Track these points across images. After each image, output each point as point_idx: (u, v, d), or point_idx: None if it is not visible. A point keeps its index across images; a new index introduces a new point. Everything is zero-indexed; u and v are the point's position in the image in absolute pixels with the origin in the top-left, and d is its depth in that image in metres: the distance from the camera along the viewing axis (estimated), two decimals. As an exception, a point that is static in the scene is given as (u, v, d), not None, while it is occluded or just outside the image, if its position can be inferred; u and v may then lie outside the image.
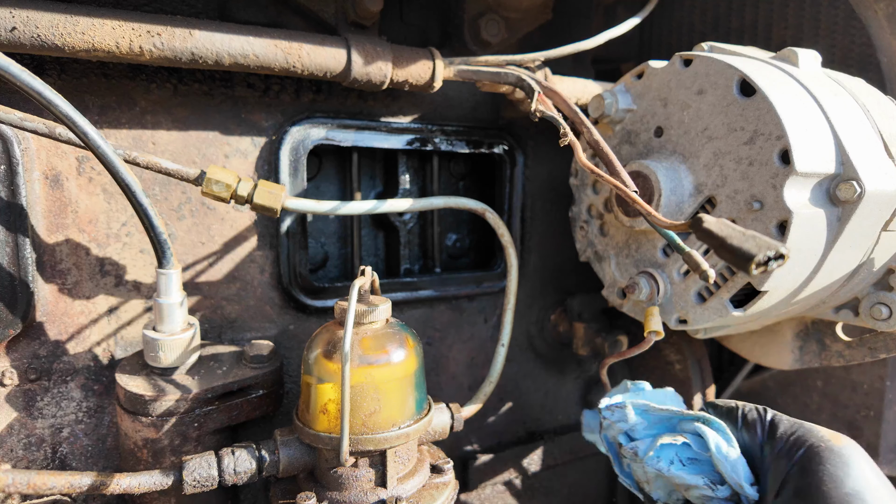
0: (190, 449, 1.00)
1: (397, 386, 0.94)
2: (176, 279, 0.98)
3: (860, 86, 1.12)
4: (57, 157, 1.04)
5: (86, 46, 0.89)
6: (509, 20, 1.30)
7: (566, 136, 1.02)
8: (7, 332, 0.98)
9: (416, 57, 1.14)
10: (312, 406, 0.93)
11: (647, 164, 1.08)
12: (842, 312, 1.16)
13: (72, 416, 1.09)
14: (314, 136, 1.23)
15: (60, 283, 1.06)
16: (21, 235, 0.98)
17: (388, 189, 1.47)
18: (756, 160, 0.96)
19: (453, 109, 1.42)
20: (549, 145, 1.56)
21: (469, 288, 1.47)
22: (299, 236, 1.24)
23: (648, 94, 1.15)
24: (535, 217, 1.56)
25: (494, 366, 1.22)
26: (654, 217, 0.87)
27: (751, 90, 0.97)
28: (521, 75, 1.15)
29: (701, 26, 1.65)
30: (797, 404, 1.78)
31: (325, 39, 1.06)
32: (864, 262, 1.05)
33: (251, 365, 1.08)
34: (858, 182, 0.93)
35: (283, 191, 1.04)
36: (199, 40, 0.95)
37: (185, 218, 1.15)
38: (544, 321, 1.61)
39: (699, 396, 1.55)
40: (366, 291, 0.97)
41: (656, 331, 1.07)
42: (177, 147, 1.13)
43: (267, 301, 1.25)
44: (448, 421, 1.08)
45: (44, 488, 0.82)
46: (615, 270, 1.26)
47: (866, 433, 1.61)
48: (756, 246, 0.67)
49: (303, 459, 0.95)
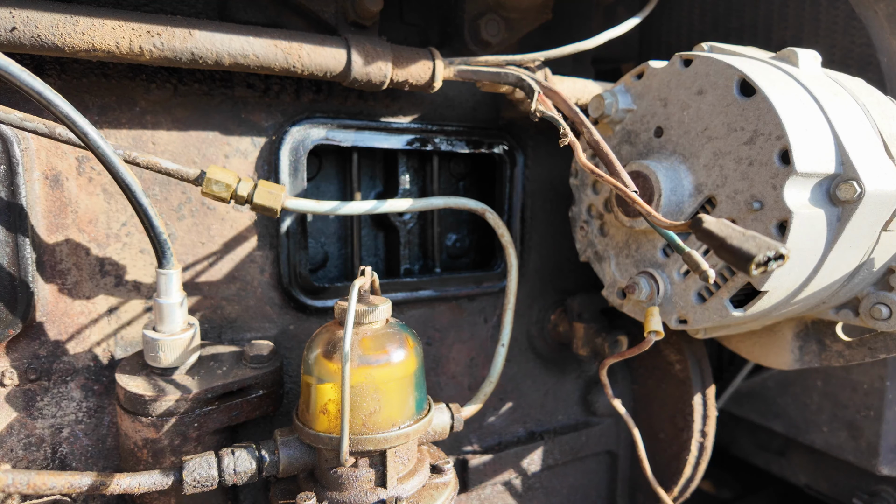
0: (190, 449, 1.00)
1: (397, 386, 0.94)
2: (176, 279, 0.98)
3: (860, 86, 1.12)
4: (57, 157, 1.04)
5: (86, 46, 0.89)
6: (509, 20, 1.30)
7: (566, 136, 1.02)
8: (7, 332, 0.98)
9: (416, 57, 1.14)
10: (312, 406, 0.93)
11: (647, 164, 1.09)
12: (842, 312, 1.16)
13: (72, 416, 1.09)
14: (314, 137, 1.23)
15: (60, 283, 1.06)
16: (21, 235, 0.98)
17: (388, 189, 1.47)
18: (756, 160, 0.96)
19: (453, 109, 1.42)
20: (549, 145, 1.56)
21: (469, 288, 1.47)
22: (299, 236, 1.24)
23: (648, 94, 1.15)
24: (535, 217, 1.56)
25: (494, 366, 1.22)
26: (654, 217, 0.87)
27: (751, 90, 0.97)
28: (521, 75, 1.15)
29: (701, 26, 1.65)
30: (797, 404, 1.78)
31: (324, 39, 1.06)
32: (864, 262, 1.05)
33: (251, 365, 1.08)
34: (858, 182, 0.93)
35: (283, 191, 1.04)
36: (199, 40, 0.95)
37: (185, 218, 1.15)
38: (544, 321, 1.61)
39: (699, 396, 1.55)
40: (366, 291, 0.97)
41: (656, 331, 1.07)
42: (177, 147, 1.13)
43: (267, 301, 1.25)
44: (448, 421, 1.08)
45: (44, 488, 0.82)
46: (615, 270, 1.26)
47: (866, 433, 1.61)
48: (756, 246, 0.67)
49: (303, 459, 0.96)
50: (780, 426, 1.84)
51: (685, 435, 1.56)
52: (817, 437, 1.74)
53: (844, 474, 1.79)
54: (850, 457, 1.66)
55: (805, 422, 1.77)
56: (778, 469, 2.00)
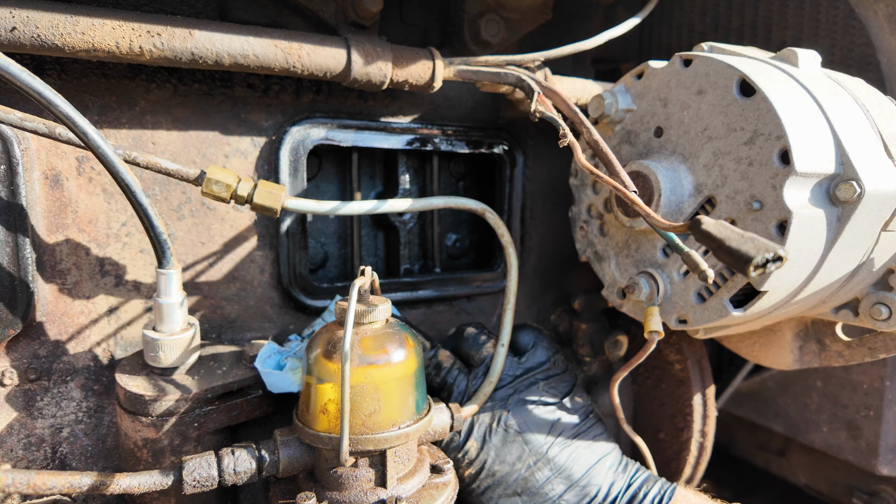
0: (190, 449, 1.00)
1: (397, 386, 0.94)
2: (176, 279, 0.98)
3: (860, 86, 1.12)
4: (57, 157, 1.04)
5: (86, 46, 0.89)
6: (509, 20, 1.30)
7: (565, 136, 1.02)
8: (7, 332, 0.99)
9: (416, 57, 1.14)
10: (312, 406, 0.93)
11: (646, 165, 1.09)
12: (841, 312, 1.16)
13: (72, 416, 1.09)
14: (314, 137, 1.23)
15: (60, 283, 1.06)
16: (21, 235, 0.98)
17: (388, 189, 1.47)
18: (756, 160, 0.96)
19: (453, 109, 1.42)
20: (549, 145, 1.56)
21: (469, 288, 1.47)
22: (299, 236, 1.24)
23: (648, 94, 1.15)
24: (535, 217, 1.57)
25: (494, 366, 1.22)
26: (654, 218, 0.87)
27: (750, 90, 0.97)
28: (520, 75, 1.15)
29: (701, 26, 1.65)
30: (797, 404, 1.78)
31: (324, 39, 1.06)
32: (864, 262, 1.05)
33: (251, 365, 1.08)
34: (858, 182, 0.93)
35: (283, 191, 1.04)
36: (199, 40, 0.95)
37: (185, 218, 1.15)
38: (544, 321, 1.62)
39: (699, 396, 1.55)
40: (366, 291, 0.97)
41: (657, 331, 1.08)
42: (177, 147, 1.13)
43: (267, 301, 1.25)
44: (448, 421, 1.08)
45: (44, 488, 0.82)
46: (615, 270, 1.26)
47: (866, 433, 1.61)
48: (754, 248, 0.67)
49: (303, 459, 0.96)
50: (779, 426, 1.84)
51: (685, 435, 1.56)
52: (817, 437, 1.74)
53: (844, 474, 1.80)
54: (849, 457, 1.66)
55: (805, 422, 1.77)
56: (778, 469, 2.00)
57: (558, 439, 1.15)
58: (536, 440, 1.14)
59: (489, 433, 1.14)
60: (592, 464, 1.14)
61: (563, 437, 1.15)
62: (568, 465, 1.13)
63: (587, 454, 1.15)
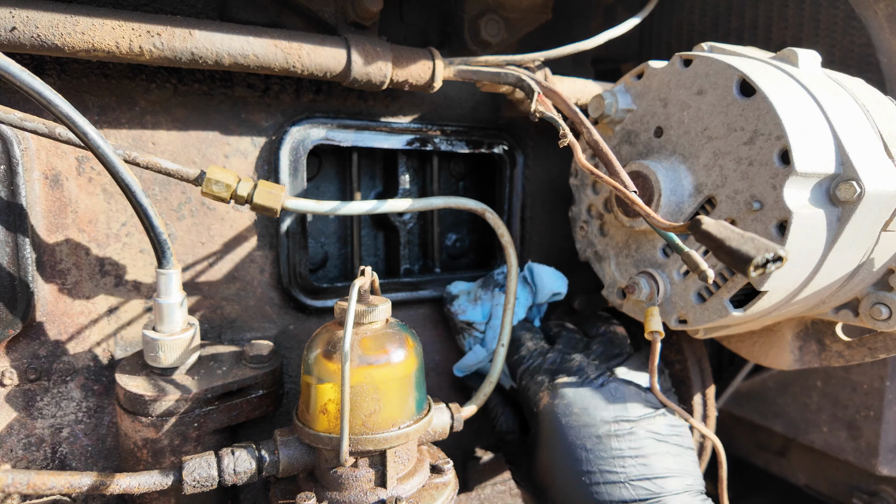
0: (190, 449, 1.00)
1: (397, 386, 0.94)
2: (176, 279, 0.98)
3: (860, 86, 1.12)
4: (57, 157, 1.04)
5: (86, 46, 0.89)
6: (509, 20, 1.30)
7: (565, 137, 1.02)
8: (7, 332, 0.99)
9: (416, 57, 1.14)
10: (312, 406, 0.93)
11: (646, 165, 1.09)
12: (841, 312, 1.16)
13: (72, 416, 1.09)
14: (314, 137, 1.23)
15: (60, 283, 1.06)
16: (21, 235, 0.98)
17: (388, 189, 1.47)
18: (756, 160, 0.96)
19: (453, 109, 1.42)
20: (549, 145, 1.56)
21: (469, 288, 1.47)
22: (299, 236, 1.24)
23: (648, 94, 1.15)
24: (535, 217, 1.56)
25: (494, 365, 1.22)
26: (653, 218, 0.87)
27: (751, 90, 0.97)
28: (520, 75, 1.15)
29: (701, 26, 1.65)
30: (797, 404, 1.78)
31: (324, 39, 1.06)
32: (864, 262, 1.05)
33: (251, 365, 1.08)
34: (858, 182, 0.93)
35: (283, 191, 1.04)
36: (199, 40, 0.95)
37: (185, 218, 1.15)
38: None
39: (699, 396, 1.54)
40: (366, 291, 0.97)
41: (657, 331, 1.08)
42: (177, 147, 1.13)
43: (267, 301, 1.25)
44: (448, 421, 1.08)
45: (44, 488, 0.82)
46: (615, 270, 1.26)
47: (866, 433, 1.61)
48: (754, 248, 0.67)
49: (303, 459, 0.96)
50: (779, 426, 1.84)
51: (685, 435, 1.56)
52: (817, 437, 1.74)
53: (844, 474, 1.79)
54: (849, 457, 1.66)
55: (805, 422, 1.77)
56: (778, 469, 2.00)
57: (654, 425, 1.09)
58: (636, 410, 1.10)
59: (586, 380, 1.13)
60: (674, 473, 1.07)
61: (656, 428, 1.09)
62: (650, 456, 1.07)
63: (669, 461, 1.08)
